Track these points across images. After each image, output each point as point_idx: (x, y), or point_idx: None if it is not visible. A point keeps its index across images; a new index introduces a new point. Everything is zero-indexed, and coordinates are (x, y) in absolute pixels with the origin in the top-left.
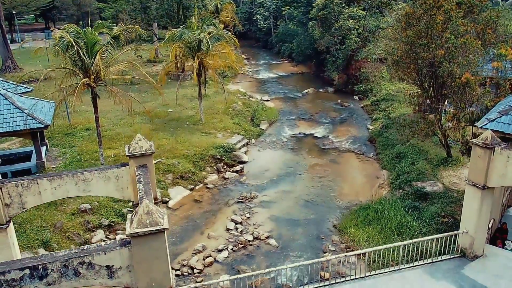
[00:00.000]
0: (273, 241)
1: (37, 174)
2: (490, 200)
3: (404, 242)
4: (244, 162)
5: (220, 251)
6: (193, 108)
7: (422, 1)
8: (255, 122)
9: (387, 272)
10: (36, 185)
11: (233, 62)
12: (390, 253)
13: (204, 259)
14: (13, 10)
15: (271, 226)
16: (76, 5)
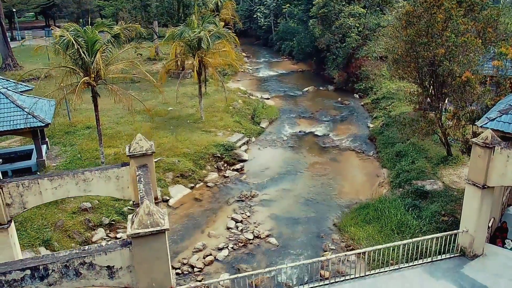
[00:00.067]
0: (273, 240)
1: (38, 173)
2: (490, 200)
3: (404, 241)
4: (245, 161)
5: (220, 249)
6: (193, 106)
7: (423, 0)
8: (255, 120)
9: (387, 271)
10: (37, 185)
11: (233, 60)
12: (390, 252)
13: (204, 258)
14: (13, 8)
15: (272, 225)
16: (76, 3)
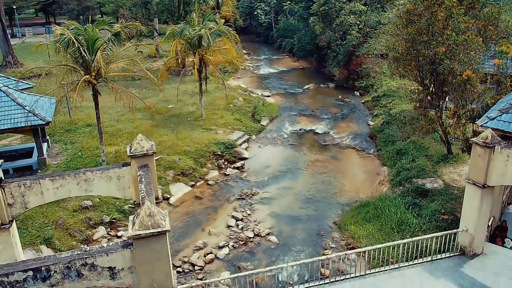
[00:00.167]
0: (274, 238)
1: (39, 171)
2: (490, 199)
3: (404, 240)
4: (245, 159)
5: (221, 247)
6: (194, 104)
7: None
8: (256, 118)
9: (387, 270)
10: (38, 185)
11: (233, 57)
12: (390, 251)
13: (205, 256)
14: (13, 5)
15: (272, 223)
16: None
